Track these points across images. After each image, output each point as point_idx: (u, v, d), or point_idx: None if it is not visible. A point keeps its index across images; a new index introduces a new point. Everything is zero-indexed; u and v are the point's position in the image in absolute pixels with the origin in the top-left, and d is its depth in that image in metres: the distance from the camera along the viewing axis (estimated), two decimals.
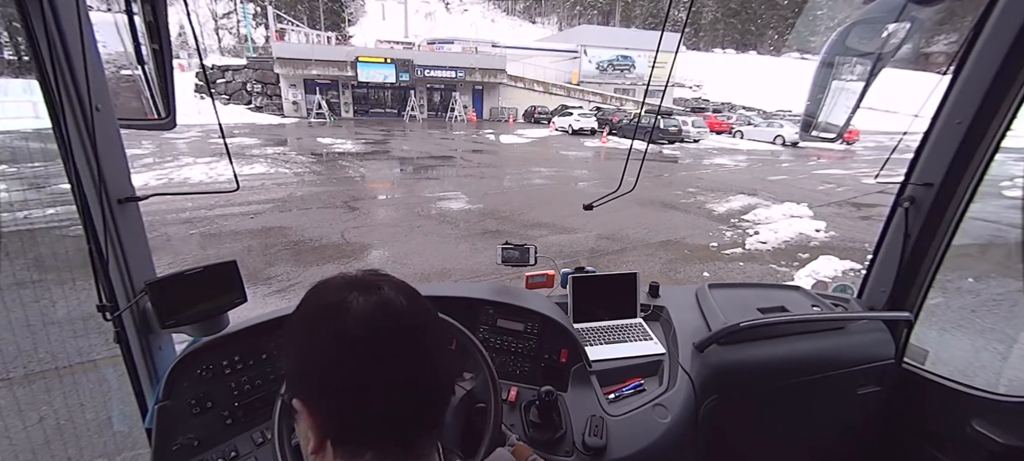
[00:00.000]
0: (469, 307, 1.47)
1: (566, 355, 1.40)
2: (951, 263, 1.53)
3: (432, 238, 6.51)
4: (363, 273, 0.55)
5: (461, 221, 7.40)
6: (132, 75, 1.14)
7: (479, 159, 14.60)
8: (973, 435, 1.40)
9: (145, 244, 1.13)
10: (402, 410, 0.50)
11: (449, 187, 10.23)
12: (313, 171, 11.37)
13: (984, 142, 1.34)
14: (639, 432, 1.22)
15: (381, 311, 0.50)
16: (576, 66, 36.90)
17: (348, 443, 0.50)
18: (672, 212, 8.54)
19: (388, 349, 0.49)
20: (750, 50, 69.93)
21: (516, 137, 21.33)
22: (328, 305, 0.51)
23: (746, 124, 26.75)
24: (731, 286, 1.83)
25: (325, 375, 0.49)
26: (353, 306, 0.49)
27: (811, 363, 1.54)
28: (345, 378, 0.48)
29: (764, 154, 19.56)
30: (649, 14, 69.90)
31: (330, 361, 0.48)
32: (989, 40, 1.26)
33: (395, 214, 7.91)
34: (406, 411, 0.50)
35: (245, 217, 7.13)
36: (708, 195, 10.22)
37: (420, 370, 0.51)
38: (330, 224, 6.91)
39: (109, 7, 1.07)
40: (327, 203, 8.23)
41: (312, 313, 0.52)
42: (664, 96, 2.06)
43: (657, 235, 7.00)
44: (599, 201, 1.39)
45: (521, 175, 12.13)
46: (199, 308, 1.09)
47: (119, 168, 1.04)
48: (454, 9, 73.86)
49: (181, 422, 1.11)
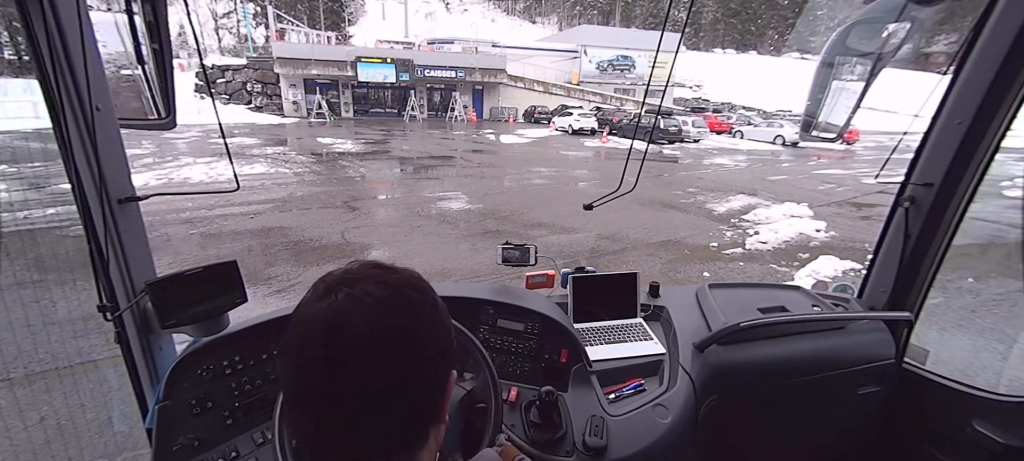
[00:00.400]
0: (469, 307, 1.47)
1: (566, 355, 1.40)
2: (951, 263, 1.53)
3: (432, 238, 6.51)
4: (352, 270, 0.51)
5: (461, 221, 7.40)
6: (132, 75, 1.14)
7: (479, 159, 14.59)
8: (973, 435, 1.40)
9: (145, 244, 1.13)
10: (368, 422, 0.48)
11: (449, 187, 10.21)
12: (313, 171, 11.36)
13: (984, 142, 1.34)
14: (639, 432, 1.22)
15: (320, 321, 0.46)
16: (576, 66, 36.90)
17: (317, 453, 0.49)
18: (672, 212, 8.52)
19: (307, 359, 0.46)
20: (750, 50, 69.95)
21: (516, 137, 21.32)
22: (306, 312, 0.48)
23: (746, 124, 26.72)
24: (731, 286, 1.83)
25: (291, 385, 0.48)
26: (299, 313, 0.48)
27: (811, 363, 1.54)
28: (306, 389, 0.47)
29: (764, 154, 19.56)
30: (649, 14, 69.90)
31: (294, 371, 0.47)
32: (989, 40, 1.26)
33: (395, 214, 7.90)
34: (373, 422, 0.48)
35: (245, 217, 7.11)
36: (708, 195, 10.19)
37: (389, 379, 0.47)
38: (330, 224, 6.91)
39: (109, 7, 1.07)
40: (327, 203, 8.22)
41: (295, 318, 0.50)
42: (664, 96, 2.06)
43: (657, 235, 6.98)
44: (599, 201, 1.39)
45: (521, 175, 12.12)
46: (199, 308, 1.09)
47: (119, 168, 1.04)
48: (454, 9, 73.87)
49: (181, 422, 1.11)
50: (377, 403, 0.47)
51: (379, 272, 0.51)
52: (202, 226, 6.57)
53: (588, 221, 7.30)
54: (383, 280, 0.50)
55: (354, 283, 0.49)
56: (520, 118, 31.35)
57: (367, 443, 0.49)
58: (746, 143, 23.95)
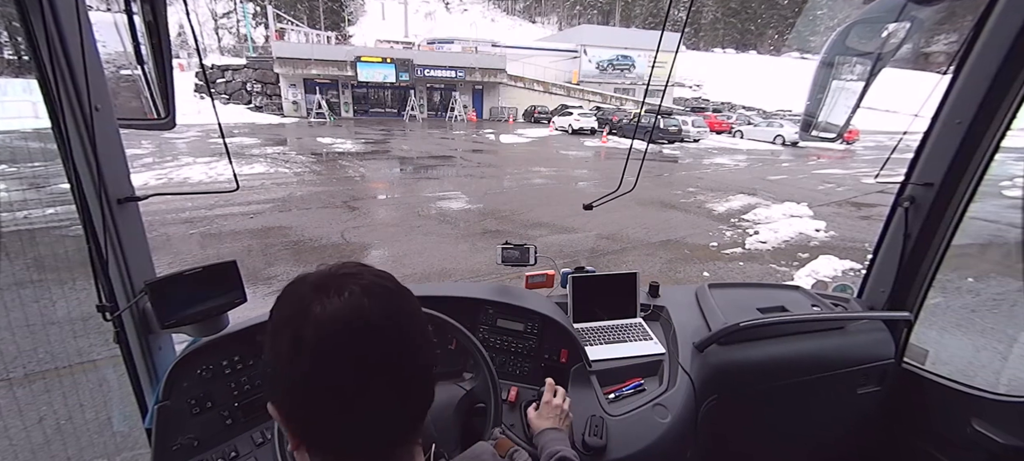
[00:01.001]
0: (469, 307, 1.47)
1: (566, 355, 1.40)
2: (951, 263, 1.53)
3: (432, 238, 6.51)
4: (334, 270, 0.52)
5: (461, 221, 7.39)
6: (132, 75, 1.14)
7: (479, 159, 14.56)
8: (973, 435, 1.40)
9: (145, 244, 1.13)
10: (368, 419, 0.49)
11: (449, 187, 10.19)
12: (313, 171, 11.35)
13: (984, 142, 1.34)
14: (639, 432, 1.22)
15: (342, 317, 0.47)
16: (576, 66, 36.83)
17: (316, 447, 0.51)
18: (672, 212, 8.50)
19: (341, 357, 0.47)
20: (750, 50, 69.94)
21: (516, 137, 21.27)
22: (291, 311, 0.49)
23: (746, 124, 26.67)
24: (731, 286, 1.83)
25: (288, 383, 0.48)
26: (313, 312, 0.47)
27: (811, 363, 1.54)
28: (303, 386, 0.48)
29: (764, 154, 19.51)
30: (649, 14, 69.89)
31: (289, 369, 0.48)
32: (989, 39, 1.26)
33: (395, 214, 7.88)
34: (373, 420, 0.49)
35: (245, 217, 7.08)
36: (708, 195, 10.16)
37: (383, 378, 0.49)
38: (330, 224, 6.91)
39: (108, 7, 1.07)
40: (327, 203, 8.21)
41: (277, 318, 0.51)
42: (663, 96, 2.06)
43: (657, 235, 6.97)
44: (599, 201, 1.39)
45: (521, 175, 12.08)
46: (199, 308, 1.09)
47: (119, 168, 1.04)
48: (454, 9, 73.86)
49: (181, 422, 1.11)
50: (408, 388, 0.51)
51: (362, 268, 0.53)
52: (202, 226, 6.57)
53: (588, 221, 7.31)
54: (375, 274, 0.53)
55: (353, 278, 0.50)
56: (520, 118, 31.30)
57: (391, 432, 0.51)
58: (746, 143, 23.91)
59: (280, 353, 0.48)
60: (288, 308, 0.50)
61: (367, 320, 0.48)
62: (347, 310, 0.47)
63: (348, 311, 0.47)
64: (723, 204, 9.31)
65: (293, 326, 0.48)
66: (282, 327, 0.49)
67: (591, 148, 18.65)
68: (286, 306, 0.50)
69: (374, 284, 0.50)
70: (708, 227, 7.59)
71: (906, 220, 1.53)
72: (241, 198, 7.95)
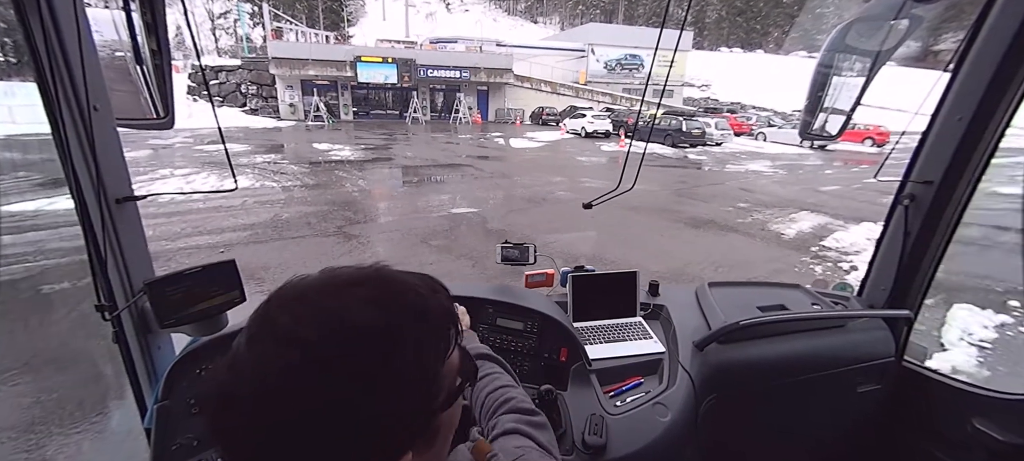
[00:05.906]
0: (468, 306, 1.47)
1: (566, 354, 1.40)
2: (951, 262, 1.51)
3: (446, 280, 5.49)
4: (276, 298, 0.46)
5: (478, 251, 5.96)
6: (131, 75, 1.14)
7: (490, 167, 13.19)
8: (973, 433, 1.40)
9: (144, 244, 1.14)
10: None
11: (462, 203, 8.79)
12: (305, 185, 9.86)
13: (984, 139, 1.33)
14: (639, 430, 1.22)
15: (362, 317, 0.43)
16: (583, 65, 36.04)
17: None
18: (733, 235, 7.04)
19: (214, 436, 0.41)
20: (757, 49, 69.60)
21: (526, 141, 19.98)
22: (345, 320, 0.43)
23: (767, 125, 25.42)
24: (731, 284, 1.83)
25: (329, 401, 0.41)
26: (348, 311, 0.43)
27: (811, 361, 1.54)
28: (348, 401, 0.41)
29: (793, 158, 18.06)
30: (652, 13, 69.73)
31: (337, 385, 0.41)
32: (989, 37, 1.25)
33: (401, 245, 6.26)
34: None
35: (211, 250, 5.69)
36: (764, 212, 8.59)
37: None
38: (317, 261, 5.45)
39: (107, 5, 1.07)
40: (318, 228, 6.76)
41: (339, 327, 0.43)
42: (663, 95, 2.06)
43: (732, 272, 5.46)
44: (599, 200, 1.40)
45: (537, 185, 10.63)
46: (198, 308, 1.10)
47: (117, 168, 1.05)
48: (455, 9, 73.87)
49: (180, 422, 1.11)
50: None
51: (323, 275, 0.49)
52: (159, 264, 6.37)
53: (634, 250, 5.92)
54: (328, 279, 0.48)
55: (337, 284, 0.47)
56: (527, 120, 30.43)
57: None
58: (770, 146, 22.23)
59: None
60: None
61: (353, 325, 0.41)
62: (350, 315, 0.42)
63: (350, 316, 0.42)
64: (789, 225, 7.70)
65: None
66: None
67: (608, 153, 17.13)
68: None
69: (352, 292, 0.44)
70: (787, 259, 6.05)
71: (906, 218, 1.53)
72: (214, 224, 6.67)
